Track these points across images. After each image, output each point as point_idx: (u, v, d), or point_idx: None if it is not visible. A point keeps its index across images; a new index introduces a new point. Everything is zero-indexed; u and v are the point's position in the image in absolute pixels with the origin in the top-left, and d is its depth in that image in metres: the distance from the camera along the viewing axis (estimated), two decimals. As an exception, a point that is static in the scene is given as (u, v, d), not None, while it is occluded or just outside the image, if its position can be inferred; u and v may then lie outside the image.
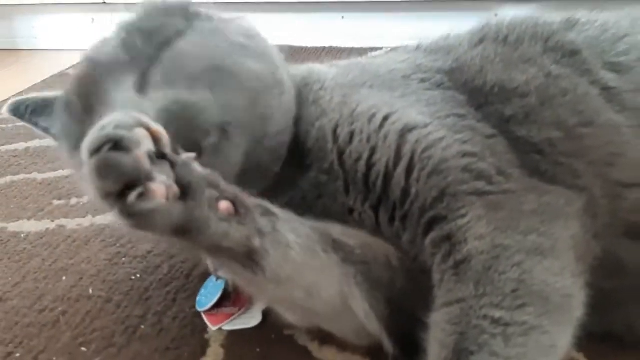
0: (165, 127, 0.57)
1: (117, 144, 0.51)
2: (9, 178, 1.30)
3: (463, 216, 0.65)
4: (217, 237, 0.58)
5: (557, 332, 0.59)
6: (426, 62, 0.84)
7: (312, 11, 2.28)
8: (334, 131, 0.74)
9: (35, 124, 0.83)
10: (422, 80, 0.80)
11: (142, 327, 0.83)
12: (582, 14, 0.90)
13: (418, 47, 0.90)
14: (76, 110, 0.72)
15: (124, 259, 0.98)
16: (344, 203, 0.74)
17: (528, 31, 0.83)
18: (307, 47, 2.26)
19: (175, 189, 0.54)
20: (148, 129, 0.54)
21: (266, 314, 0.82)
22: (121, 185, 0.51)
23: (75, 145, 0.70)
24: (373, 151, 0.72)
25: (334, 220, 0.73)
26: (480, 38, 0.85)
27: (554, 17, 0.88)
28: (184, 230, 0.56)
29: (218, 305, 0.84)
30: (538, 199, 0.67)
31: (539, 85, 0.76)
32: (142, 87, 0.68)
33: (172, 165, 0.55)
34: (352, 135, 0.73)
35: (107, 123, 0.54)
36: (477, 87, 0.78)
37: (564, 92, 0.75)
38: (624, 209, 0.71)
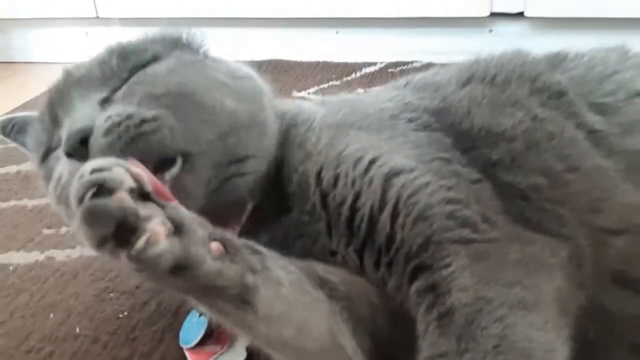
0: (120, 145, 0.62)
1: (99, 189, 0.51)
2: (-1, 205, 1.30)
3: (447, 266, 0.64)
4: (212, 275, 0.57)
5: None
6: (414, 100, 0.84)
7: (306, 26, 2.27)
8: (318, 174, 0.74)
9: (21, 143, 0.83)
10: (410, 120, 0.80)
11: (129, 369, 0.83)
12: (569, 49, 0.90)
13: (407, 84, 0.90)
14: (45, 120, 0.73)
15: (111, 294, 0.98)
16: (325, 245, 0.74)
17: (516, 71, 0.83)
18: (301, 61, 2.26)
19: (170, 225, 0.53)
20: (127, 170, 0.54)
21: (250, 350, 0.82)
22: (112, 229, 0.50)
23: (43, 156, 0.74)
24: (357, 195, 0.71)
25: (315, 259, 0.72)
26: (468, 77, 0.84)
27: (541, 54, 0.89)
28: (181, 269, 0.54)
29: (201, 343, 0.84)
30: (522, 250, 0.66)
31: (525, 129, 0.76)
32: (106, 103, 0.69)
33: (159, 205, 0.55)
34: (336, 179, 0.73)
35: (84, 170, 0.53)
36: (464, 130, 0.78)
37: (550, 136, 0.75)
38: (609, 256, 0.71)
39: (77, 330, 0.90)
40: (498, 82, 0.82)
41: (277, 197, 0.76)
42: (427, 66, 2.12)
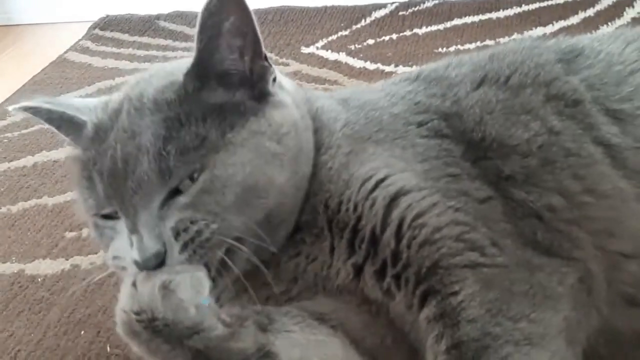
0: (194, 258, 0.65)
1: None
2: (20, 205, 1.33)
3: (456, 293, 0.66)
4: (227, 340, 0.63)
5: None
6: (424, 98, 0.81)
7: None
8: (326, 203, 0.74)
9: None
10: (420, 124, 0.78)
11: (160, 390, 0.87)
12: (586, 42, 0.85)
13: (418, 76, 0.86)
14: (97, 188, 0.70)
15: (137, 306, 1.02)
16: (325, 261, 0.74)
17: (530, 74, 0.80)
18: (308, 7, 2.18)
19: None
20: None
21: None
22: None
23: (89, 212, 0.73)
24: (359, 218, 0.72)
25: (307, 278, 0.75)
26: (482, 77, 0.81)
27: (555, 48, 0.84)
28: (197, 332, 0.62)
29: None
30: (530, 278, 0.67)
31: (541, 144, 0.74)
32: (168, 202, 0.67)
33: None
34: (340, 204, 0.73)
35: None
36: (475, 140, 0.76)
37: (567, 152, 0.74)
38: (621, 280, 0.71)
39: (108, 349, 0.95)
40: (512, 84, 0.79)
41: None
42: (439, 5, 2.05)
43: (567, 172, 0.72)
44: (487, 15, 1.95)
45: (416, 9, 2.05)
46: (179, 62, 0.80)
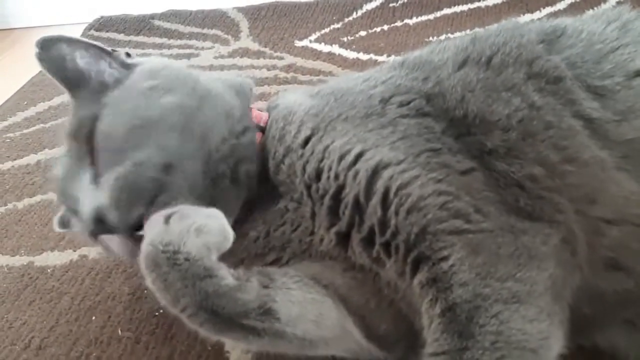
0: (125, 199, 0.75)
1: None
2: (26, 201, 1.36)
3: (446, 258, 0.69)
4: (234, 289, 0.69)
5: None
6: (406, 81, 0.85)
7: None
8: (303, 167, 0.79)
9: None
10: (400, 104, 0.82)
11: (171, 368, 0.91)
12: (568, 22, 0.88)
13: (403, 63, 0.90)
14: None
15: (145, 291, 1.05)
16: (307, 228, 0.80)
17: (512, 54, 0.82)
18: (300, 1, 2.21)
19: None
20: None
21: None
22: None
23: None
24: (341, 188, 0.76)
25: (293, 245, 0.81)
26: (464, 59, 0.84)
27: (538, 29, 0.87)
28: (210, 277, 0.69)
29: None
30: (515, 241, 0.70)
31: (521, 118, 0.76)
32: (96, 178, 0.78)
33: None
34: (319, 172, 0.78)
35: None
36: (457, 117, 0.79)
37: (548, 125, 0.76)
38: (603, 244, 0.74)
39: (119, 332, 0.98)
40: (494, 64, 0.82)
41: (268, 189, 0.83)
42: (429, -4, 2.08)
43: (547, 143, 0.75)
44: (475, 4, 1.99)
45: (406, 0, 2.08)
46: None
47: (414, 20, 1.96)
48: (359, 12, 2.07)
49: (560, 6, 1.87)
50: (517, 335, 0.65)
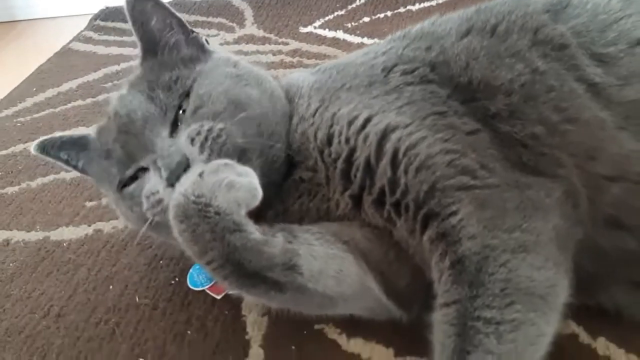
0: (213, 155, 0.76)
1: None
2: (39, 180, 1.38)
3: (455, 213, 0.72)
4: (261, 243, 0.71)
5: (544, 322, 0.68)
6: (409, 51, 0.87)
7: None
8: (315, 134, 0.82)
9: (59, 158, 0.96)
10: (404, 72, 0.84)
11: (189, 332, 0.93)
12: None
13: (405, 35, 0.93)
14: (119, 157, 0.85)
15: (161, 261, 1.07)
16: (324, 195, 0.83)
17: (517, 22, 0.85)
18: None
19: None
20: None
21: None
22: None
23: (118, 186, 0.86)
24: (352, 151, 0.79)
25: (311, 215, 0.84)
26: (468, 28, 0.86)
27: (544, 0, 0.89)
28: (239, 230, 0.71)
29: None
30: (520, 195, 0.73)
31: (523, 82, 0.79)
32: (174, 132, 0.81)
33: None
34: (330, 137, 0.81)
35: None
36: (462, 84, 0.82)
37: (550, 88, 0.78)
38: (604, 201, 0.76)
39: (137, 299, 1.01)
40: (499, 32, 0.84)
41: (285, 162, 0.86)
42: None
43: (548, 104, 0.78)
44: (477, -10, 2.01)
45: (408, -13, 2.11)
46: None
47: (417, 6, 1.98)
48: (362, 0, 2.09)
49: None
50: (526, 282, 0.68)
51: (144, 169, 0.83)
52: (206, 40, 0.95)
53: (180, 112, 0.82)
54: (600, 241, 0.77)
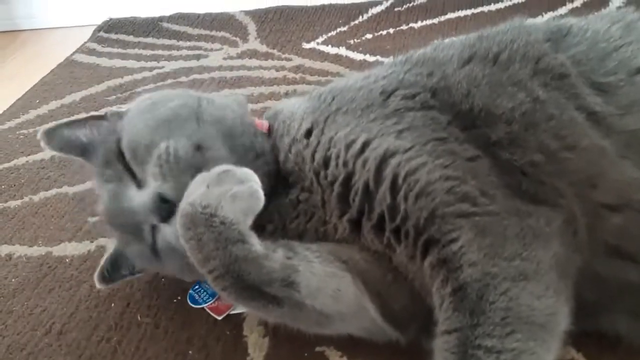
0: (175, 168, 0.80)
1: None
2: (42, 194, 1.39)
3: (455, 240, 0.73)
4: (262, 256, 0.73)
5: (544, 350, 0.68)
6: (410, 76, 0.88)
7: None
8: (312, 155, 0.83)
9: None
10: (405, 97, 0.84)
11: (190, 352, 0.94)
12: (574, 22, 0.92)
13: (406, 60, 0.93)
14: (129, 240, 0.92)
15: (163, 280, 1.08)
16: (320, 217, 0.84)
17: (519, 51, 0.86)
18: (307, 6, 2.25)
19: None
20: None
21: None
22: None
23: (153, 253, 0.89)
24: (350, 175, 0.79)
25: (309, 236, 0.84)
26: (470, 55, 0.87)
27: (544, 28, 0.90)
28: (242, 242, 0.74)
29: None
30: (520, 222, 0.74)
31: (524, 111, 0.79)
32: (140, 185, 0.85)
33: None
34: (326, 160, 0.82)
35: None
36: (463, 111, 0.82)
37: (549, 117, 0.79)
38: (605, 230, 0.77)
39: (139, 317, 1.01)
40: (501, 60, 0.85)
41: (280, 184, 0.87)
42: (432, 1, 2.12)
43: (548, 133, 0.78)
44: (479, 9, 2.03)
45: (411, 4, 2.13)
46: None
47: (419, 24, 2.00)
48: (365, 16, 2.11)
49: (561, 11, 1.92)
50: (526, 311, 0.68)
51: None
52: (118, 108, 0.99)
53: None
54: (600, 270, 0.78)
